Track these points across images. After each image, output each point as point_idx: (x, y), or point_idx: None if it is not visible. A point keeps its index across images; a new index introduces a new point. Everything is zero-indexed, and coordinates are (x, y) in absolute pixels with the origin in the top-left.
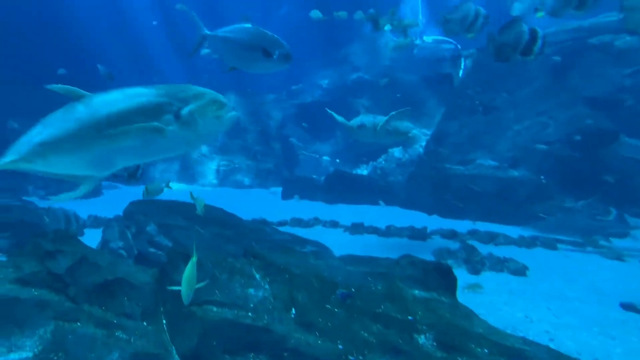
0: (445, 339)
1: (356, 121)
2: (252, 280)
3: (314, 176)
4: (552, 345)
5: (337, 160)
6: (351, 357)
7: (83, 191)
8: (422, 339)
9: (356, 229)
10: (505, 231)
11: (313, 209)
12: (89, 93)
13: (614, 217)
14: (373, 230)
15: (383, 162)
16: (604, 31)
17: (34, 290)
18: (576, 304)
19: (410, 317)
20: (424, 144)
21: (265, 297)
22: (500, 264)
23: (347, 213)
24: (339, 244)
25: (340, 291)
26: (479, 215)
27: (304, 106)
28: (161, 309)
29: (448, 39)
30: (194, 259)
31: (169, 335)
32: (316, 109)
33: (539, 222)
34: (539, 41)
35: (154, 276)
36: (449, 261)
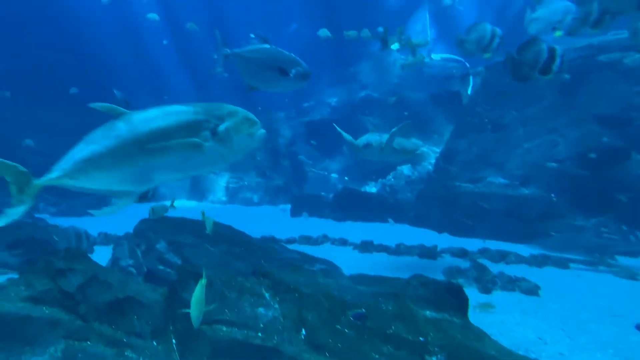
0: None
1: (362, 140)
2: (261, 299)
3: (322, 193)
4: None
5: (345, 178)
6: None
7: (123, 206)
8: None
9: (365, 247)
10: (513, 249)
11: (322, 226)
12: (128, 111)
13: (626, 235)
14: (383, 248)
15: (392, 180)
16: (613, 49)
17: (45, 308)
18: (590, 325)
19: (421, 338)
20: (433, 161)
21: (275, 316)
22: (511, 283)
23: (356, 231)
24: (348, 262)
25: (354, 312)
26: (489, 234)
27: (312, 124)
28: (171, 328)
29: (456, 57)
30: (203, 281)
31: (178, 355)
32: (325, 126)
33: (548, 240)
34: (557, 59)
35: (164, 295)
36: (460, 280)
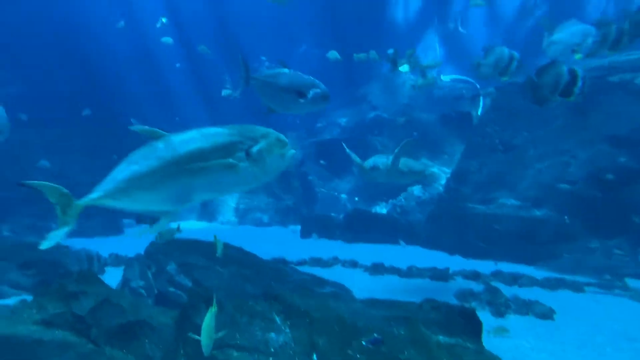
0: None
1: (369, 162)
2: (272, 324)
3: (332, 214)
4: None
5: (355, 198)
6: None
7: (162, 226)
8: None
9: (376, 269)
10: (523, 271)
11: (332, 247)
12: (167, 133)
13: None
14: (394, 270)
15: (403, 200)
16: (624, 69)
17: (57, 331)
18: (607, 350)
19: None
20: (443, 182)
21: (286, 341)
22: (525, 307)
23: (366, 252)
24: (359, 284)
25: (370, 337)
26: (501, 255)
27: (322, 144)
28: (181, 351)
29: (466, 78)
30: (213, 309)
31: None
32: (335, 146)
33: (558, 262)
34: (579, 82)
35: (175, 318)
36: (473, 303)
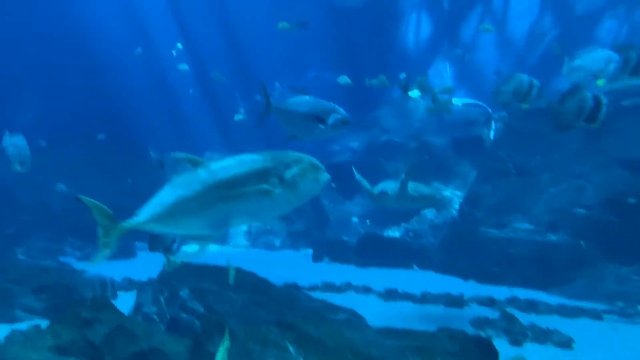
0: None
1: (378, 188)
2: (286, 352)
3: (344, 238)
4: None
5: (367, 222)
6: None
7: (202, 249)
8: None
9: (390, 295)
10: (538, 296)
11: (344, 272)
12: (205, 160)
13: None
14: (407, 296)
15: (415, 224)
16: (637, 93)
17: (70, 358)
18: None
19: None
20: (456, 206)
21: None
22: (543, 335)
23: (379, 277)
24: (373, 311)
25: None
26: (516, 281)
27: (334, 167)
28: None
29: (478, 102)
30: (226, 342)
31: None
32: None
33: (571, 287)
34: (603, 108)
35: (188, 346)
36: (489, 331)
